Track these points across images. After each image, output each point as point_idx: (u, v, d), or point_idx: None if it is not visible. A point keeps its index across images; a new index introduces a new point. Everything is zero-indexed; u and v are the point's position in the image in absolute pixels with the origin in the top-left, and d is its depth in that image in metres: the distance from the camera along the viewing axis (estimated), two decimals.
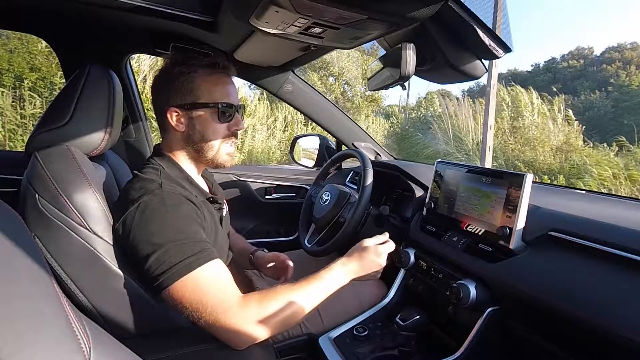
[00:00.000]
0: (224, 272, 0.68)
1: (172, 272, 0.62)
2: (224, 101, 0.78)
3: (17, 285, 0.35)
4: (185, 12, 0.91)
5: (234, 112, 0.81)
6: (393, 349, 0.87)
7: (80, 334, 0.36)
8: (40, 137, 0.72)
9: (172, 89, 0.78)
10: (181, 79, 0.77)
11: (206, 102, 0.77)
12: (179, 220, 0.68)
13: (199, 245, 0.66)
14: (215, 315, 0.63)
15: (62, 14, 1.06)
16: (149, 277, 0.64)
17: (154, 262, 0.63)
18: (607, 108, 15.28)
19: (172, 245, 0.64)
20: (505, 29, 0.78)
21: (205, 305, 0.63)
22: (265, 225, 1.63)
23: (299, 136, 1.76)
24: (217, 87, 0.79)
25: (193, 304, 0.63)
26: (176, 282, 0.62)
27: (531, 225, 0.77)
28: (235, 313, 0.64)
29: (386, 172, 1.30)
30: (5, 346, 0.29)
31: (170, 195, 0.70)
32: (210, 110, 0.78)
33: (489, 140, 5.00)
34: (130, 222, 0.66)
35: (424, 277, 0.98)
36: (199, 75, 0.77)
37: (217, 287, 0.65)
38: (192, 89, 0.77)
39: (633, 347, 0.54)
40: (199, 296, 0.63)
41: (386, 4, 0.67)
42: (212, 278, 0.65)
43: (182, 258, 0.63)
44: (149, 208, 0.67)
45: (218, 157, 0.82)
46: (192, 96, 0.77)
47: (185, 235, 0.66)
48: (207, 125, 0.79)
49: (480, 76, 0.90)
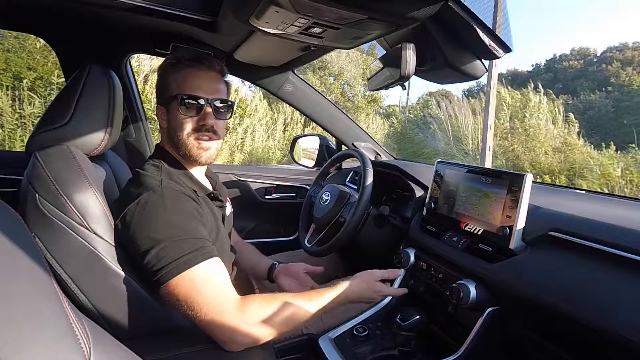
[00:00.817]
0: (222, 271, 0.68)
1: (170, 268, 0.62)
2: (188, 93, 0.77)
3: (17, 285, 0.35)
4: (185, 12, 0.91)
5: (203, 106, 0.78)
6: (393, 349, 0.87)
7: (80, 334, 0.36)
8: (40, 137, 0.72)
9: (158, 87, 0.82)
10: (163, 75, 0.80)
11: (174, 94, 0.77)
12: (179, 217, 0.68)
13: (198, 242, 0.66)
14: (211, 315, 0.63)
15: (62, 14, 1.06)
16: (147, 272, 0.64)
17: (152, 258, 0.63)
18: (607, 108, 15.27)
19: (171, 241, 0.64)
20: (505, 29, 0.78)
21: (201, 305, 0.63)
22: (265, 225, 1.63)
23: (299, 136, 1.77)
24: (187, 79, 0.78)
25: (189, 302, 0.63)
26: (173, 279, 0.62)
27: (531, 225, 0.77)
28: (231, 315, 0.64)
29: (386, 172, 1.30)
30: (5, 346, 0.29)
31: (170, 192, 0.70)
32: (177, 102, 0.77)
33: (489, 140, 5.00)
34: (130, 218, 0.66)
35: (424, 277, 0.98)
36: (177, 69, 0.78)
37: (214, 287, 0.65)
38: (168, 82, 0.79)
39: (633, 347, 0.54)
40: (195, 294, 0.63)
41: (386, 4, 0.67)
42: (209, 277, 0.65)
43: (181, 255, 0.63)
44: (149, 204, 0.67)
45: (188, 151, 0.79)
46: (167, 90, 0.79)
47: (185, 231, 0.66)
48: (175, 118, 0.78)
49: (480, 76, 0.90)
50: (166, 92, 0.79)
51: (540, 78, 24.80)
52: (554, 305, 0.65)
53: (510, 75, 30.54)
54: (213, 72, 0.81)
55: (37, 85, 4.48)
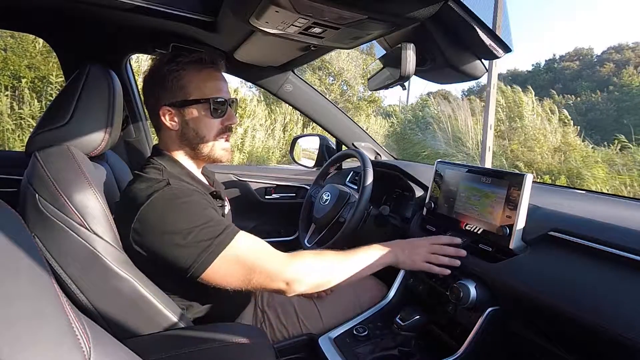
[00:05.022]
0: (256, 238, 0.72)
1: (210, 252, 0.65)
2: (215, 96, 0.78)
3: (17, 286, 0.35)
4: (185, 12, 0.91)
5: (227, 107, 0.81)
6: (393, 349, 0.87)
7: (80, 334, 0.36)
8: (40, 137, 0.72)
9: (163, 88, 0.78)
10: (171, 77, 0.77)
11: (198, 98, 0.77)
12: (196, 207, 0.69)
13: (222, 223, 0.69)
14: (267, 272, 0.68)
15: (62, 14, 1.06)
16: (181, 265, 0.65)
17: (185, 249, 0.64)
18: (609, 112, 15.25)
19: (198, 229, 0.66)
20: (505, 29, 0.78)
21: (254, 268, 0.67)
22: (265, 225, 1.63)
23: (299, 136, 1.77)
24: (208, 82, 0.79)
25: (241, 272, 0.67)
26: (216, 261, 0.65)
27: (531, 225, 0.77)
28: (283, 266, 0.70)
29: (386, 172, 1.30)
30: (5, 346, 0.29)
31: (179, 189, 0.71)
32: (203, 106, 0.78)
33: (489, 140, 5.00)
34: (148, 219, 0.66)
35: (424, 277, 0.98)
36: (188, 72, 0.78)
37: (258, 251, 0.70)
38: (183, 86, 0.77)
39: (633, 347, 0.54)
40: (245, 263, 0.67)
41: (386, 4, 0.67)
42: (248, 246, 0.69)
43: (214, 237, 0.66)
44: (164, 202, 0.68)
45: (214, 152, 0.82)
46: (183, 94, 0.78)
47: (207, 218, 0.68)
48: (200, 121, 0.79)
49: (480, 76, 0.90)
50: (179, 95, 0.77)
51: (541, 78, 24.82)
52: (554, 305, 0.65)
53: (510, 75, 30.52)
54: (220, 72, 0.82)
55: (36, 85, 4.48)
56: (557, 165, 5.37)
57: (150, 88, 0.81)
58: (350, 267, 0.79)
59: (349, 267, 0.78)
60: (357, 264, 0.80)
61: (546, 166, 5.43)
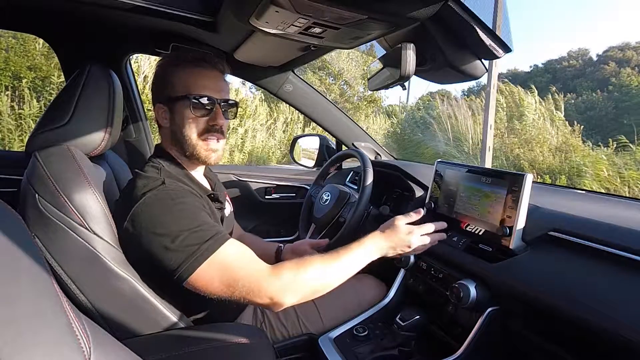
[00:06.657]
0: (244, 248, 0.70)
1: (195, 257, 0.63)
2: (198, 93, 0.76)
3: (17, 286, 0.35)
4: (185, 12, 0.91)
5: (214, 106, 0.78)
6: (393, 349, 0.87)
7: (80, 334, 0.36)
8: (40, 137, 0.72)
9: (159, 85, 0.80)
10: (164, 74, 0.79)
11: (182, 94, 0.77)
12: (188, 210, 0.69)
13: (213, 229, 0.68)
14: (248, 286, 0.65)
15: (62, 14, 1.06)
16: (168, 268, 0.64)
17: (172, 253, 0.64)
18: (608, 110, 15.25)
19: (187, 233, 0.65)
20: (505, 29, 0.78)
21: (237, 280, 0.65)
22: (265, 225, 1.63)
23: (299, 136, 1.77)
24: (195, 79, 0.77)
25: (224, 281, 0.65)
26: (201, 266, 0.64)
27: (531, 225, 0.77)
28: (267, 281, 0.66)
29: (386, 172, 1.30)
30: (6, 346, 0.29)
31: (174, 190, 0.71)
32: (185, 103, 0.77)
33: (488, 140, 5.00)
34: (138, 219, 0.66)
35: (424, 277, 0.98)
36: (181, 68, 0.78)
37: (245, 261, 0.68)
38: (172, 82, 0.78)
39: (633, 347, 0.54)
40: (229, 273, 0.65)
41: (386, 4, 0.67)
42: (235, 255, 0.67)
43: (202, 242, 0.65)
44: (157, 202, 0.67)
45: (197, 152, 0.79)
46: (171, 90, 0.78)
47: (198, 222, 0.67)
48: (184, 118, 0.78)
49: (480, 76, 0.90)
50: (169, 91, 0.78)
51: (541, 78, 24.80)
52: (554, 305, 0.65)
53: (510, 75, 30.52)
54: (216, 71, 0.81)
55: (36, 84, 4.48)
56: (558, 165, 5.37)
57: (152, 86, 0.83)
58: (339, 269, 0.74)
59: (339, 270, 0.74)
60: (345, 265, 0.75)
61: (547, 166, 5.42)
